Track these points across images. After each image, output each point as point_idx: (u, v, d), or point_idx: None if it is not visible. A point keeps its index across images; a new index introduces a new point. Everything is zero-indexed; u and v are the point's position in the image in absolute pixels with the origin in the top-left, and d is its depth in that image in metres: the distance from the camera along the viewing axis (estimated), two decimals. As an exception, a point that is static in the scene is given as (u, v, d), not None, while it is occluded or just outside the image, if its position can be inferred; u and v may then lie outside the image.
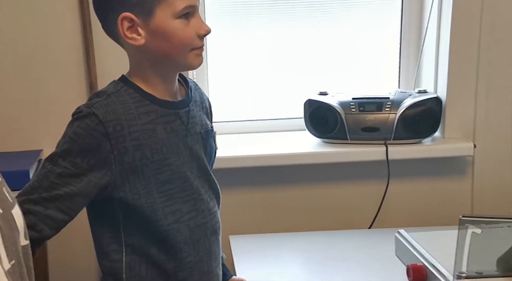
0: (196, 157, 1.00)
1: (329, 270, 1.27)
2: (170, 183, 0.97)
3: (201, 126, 1.02)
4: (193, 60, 0.96)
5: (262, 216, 1.61)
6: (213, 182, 1.05)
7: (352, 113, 1.54)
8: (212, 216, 1.02)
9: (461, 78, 1.57)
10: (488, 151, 1.60)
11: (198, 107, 1.04)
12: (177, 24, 0.93)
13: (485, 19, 1.53)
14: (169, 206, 0.97)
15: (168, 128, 0.97)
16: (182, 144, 0.98)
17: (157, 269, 0.97)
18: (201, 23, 0.95)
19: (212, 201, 1.04)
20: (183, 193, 0.98)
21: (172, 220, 0.97)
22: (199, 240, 1.00)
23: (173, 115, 0.98)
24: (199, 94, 1.06)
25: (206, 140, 1.03)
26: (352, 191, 1.62)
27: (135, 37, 0.93)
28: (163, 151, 0.96)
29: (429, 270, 1.11)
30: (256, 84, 1.69)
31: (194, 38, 0.95)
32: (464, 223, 1.00)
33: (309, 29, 1.66)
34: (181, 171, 0.98)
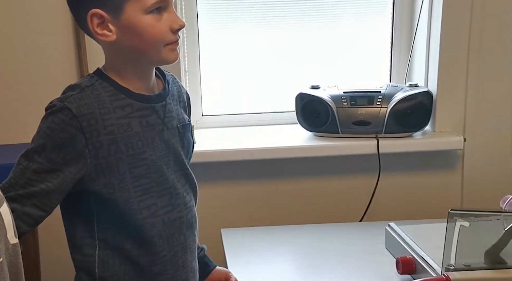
0: (173, 151, 1.00)
1: (320, 263, 1.28)
2: (145, 177, 0.96)
3: (178, 120, 1.01)
4: (168, 55, 0.95)
5: (254, 209, 1.62)
6: (190, 176, 1.04)
7: (343, 107, 1.55)
8: (188, 210, 1.02)
9: (451, 72, 1.57)
10: (478, 144, 1.62)
11: (175, 101, 1.03)
12: (148, 19, 0.92)
13: (475, 14, 1.54)
14: (144, 200, 0.96)
15: (143, 122, 0.96)
16: (158, 138, 0.97)
17: (131, 263, 0.97)
18: (174, 18, 0.94)
19: (189, 195, 1.03)
20: (158, 187, 0.97)
21: (147, 214, 0.96)
22: (174, 234, 0.99)
23: (149, 109, 0.97)
24: (176, 87, 1.05)
25: (183, 134, 1.02)
26: (343, 184, 1.63)
27: (105, 34, 0.92)
28: (138, 145, 0.95)
29: (418, 262, 1.12)
30: (248, 78, 1.69)
31: (167, 33, 0.93)
32: (452, 216, 1.01)
33: (301, 23, 1.66)
34: (157, 165, 0.97)
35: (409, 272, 1.14)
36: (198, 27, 1.62)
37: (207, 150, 1.54)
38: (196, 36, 1.62)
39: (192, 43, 1.62)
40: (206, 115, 1.69)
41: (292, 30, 1.67)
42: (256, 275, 1.23)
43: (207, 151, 1.54)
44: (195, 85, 1.65)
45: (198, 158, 1.52)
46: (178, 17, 0.95)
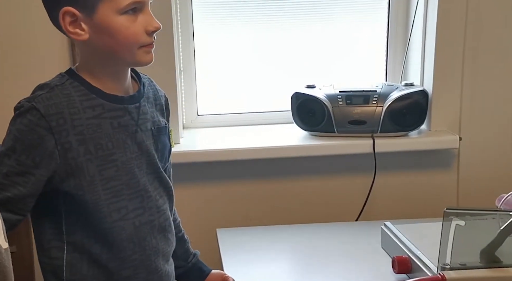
0: (146, 153, 0.98)
1: (316, 263, 1.27)
2: (115, 179, 0.94)
3: (152, 122, 1.00)
4: (142, 57, 0.93)
5: (249, 209, 1.61)
6: (164, 180, 1.02)
7: (339, 106, 1.55)
8: (160, 214, 1.00)
9: (447, 71, 1.57)
10: (473, 143, 1.62)
11: (150, 103, 1.02)
12: (122, 20, 0.90)
13: (470, 13, 1.54)
14: (115, 203, 0.95)
15: (115, 123, 0.94)
16: (130, 139, 0.96)
17: (99, 267, 0.96)
18: (150, 19, 0.92)
19: (162, 198, 1.02)
20: (129, 190, 0.96)
21: (117, 217, 0.95)
22: (145, 238, 0.98)
23: (122, 110, 0.95)
24: (153, 90, 1.04)
25: (158, 137, 1.01)
26: (339, 183, 1.63)
27: (77, 32, 0.91)
28: (108, 146, 0.94)
29: (414, 262, 1.12)
30: (244, 77, 1.69)
31: (142, 35, 0.92)
32: (448, 216, 1.01)
33: (297, 22, 1.66)
34: (127, 167, 0.95)
35: (405, 271, 1.14)
36: (193, 26, 1.62)
37: (203, 149, 1.54)
38: (191, 35, 1.62)
39: (187, 42, 1.61)
40: (201, 115, 1.69)
41: (287, 29, 1.66)
42: (252, 275, 1.22)
43: (202, 150, 1.54)
44: (190, 84, 1.65)
45: (194, 158, 1.53)
46: (153, 19, 0.93)
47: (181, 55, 1.61)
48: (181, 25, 1.59)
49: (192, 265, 1.16)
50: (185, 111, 1.66)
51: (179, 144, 1.54)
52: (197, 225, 1.53)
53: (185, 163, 1.53)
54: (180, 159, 1.51)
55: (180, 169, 1.54)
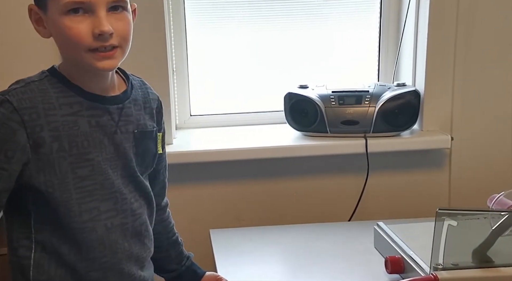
0: (123, 156, 0.96)
1: (309, 263, 1.27)
2: (89, 179, 0.93)
3: (136, 125, 0.98)
4: (92, 62, 0.89)
5: (242, 209, 1.61)
6: (142, 184, 1.00)
7: (332, 106, 1.55)
8: (135, 218, 0.99)
9: (439, 71, 1.58)
10: (465, 143, 1.63)
11: (138, 106, 1.00)
12: (65, 20, 0.87)
13: (461, 14, 1.55)
14: (86, 203, 0.93)
15: (93, 122, 0.93)
16: (107, 140, 0.94)
17: (67, 268, 0.94)
18: (98, 22, 0.87)
19: (138, 202, 1.00)
20: (103, 190, 0.94)
21: (88, 218, 0.93)
22: (117, 240, 0.96)
23: (101, 110, 0.94)
24: (143, 93, 1.02)
25: (140, 140, 0.99)
26: (332, 184, 1.63)
27: (40, 30, 0.91)
28: (83, 145, 0.92)
29: (407, 262, 1.12)
30: (236, 77, 1.68)
31: (86, 37, 0.87)
32: (440, 216, 1.01)
33: (289, 22, 1.66)
34: (102, 167, 0.94)
35: (398, 271, 1.14)
36: (185, 26, 1.61)
37: (195, 150, 1.54)
38: (184, 35, 1.62)
39: (179, 42, 1.61)
40: (194, 115, 1.69)
41: (280, 29, 1.66)
42: (245, 276, 1.22)
43: (195, 151, 1.53)
44: (183, 84, 1.65)
45: (187, 159, 1.53)
46: (103, 22, 0.88)
47: (173, 56, 1.60)
48: (173, 25, 1.59)
49: (186, 268, 1.15)
50: (178, 112, 1.65)
51: (171, 145, 1.54)
52: (190, 226, 1.53)
53: (178, 163, 1.52)
54: (173, 159, 1.50)
55: (173, 169, 1.54)
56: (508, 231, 1.03)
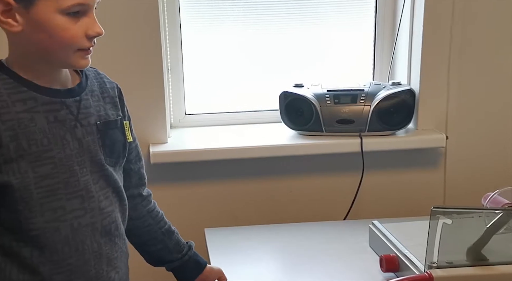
0: (88, 150, 0.93)
1: (304, 262, 1.27)
2: (51, 177, 0.89)
3: (98, 117, 0.95)
4: (77, 61, 0.89)
5: (237, 208, 1.61)
6: (111, 178, 0.96)
7: (327, 105, 1.55)
8: (104, 216, 0.95)
9: (433, 70, 1.58)
10: (460, 142, 1.63)
11: (96, 97, 0.97)
12: (61, 20, 0.86)
13: (456, 12, 1.55)
14: (50, 202, 0.89)
15: (51, 117, 0.89)
16: (70, 135, 0.91)
17: (30, 273, 0.90)
18: (93, 24, 0.88)
19: (108, 200, 0.96)
20: (68, 189, 0.90)
21: (51, 217, 0.89)
22: (84, 241, 0.92)
23: (58, 104, 0.90)
24: (99, 83, 0.99)
25: (105, 132, 0.96)
26: (327, 182, 1.63)
27: (10, 23, 0.86)
28: (43, 142, 0.88)
29: (402, 260, 1.12)
30: (231, 76, 1.68)
31: (81, 38, 0.88)
32: (435, 214, 1.02)
33: (285, 21, 1.66)
34: (66, 164, 0.90)
35: (393, 270, 1.14)
36: (180, 25, 1.61)
37: (190, 149, 1.53)
38: (179, 34, 1.61)
39: (174, 41, 1.61)
40: (189, 114, 1.68)
41: (275, 28, 1.66)
42: (240, 275, 1.22)
43: (190, 150, 1.53)
44: (178, 83, 1.64)
45: (182, 158, 1.52)
46: (97, 24, 0.89)
47: (168, 54, 1.60)
48: (168, 24, 1.58)
49: (188, 257, 1.11)
50: (172, 111, 1.65)
51: (166, 144, 1.53)
52: (184, 225, 1.52)
53: (173, 162, 1.52)
54: (168, 158, 1.51)
55: (167, 168, 1.54)
56: (502, 229, 1.03)
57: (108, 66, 1.45)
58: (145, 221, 1.08)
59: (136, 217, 1.08)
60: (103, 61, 1.47)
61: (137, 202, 1.08)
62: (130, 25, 1.46)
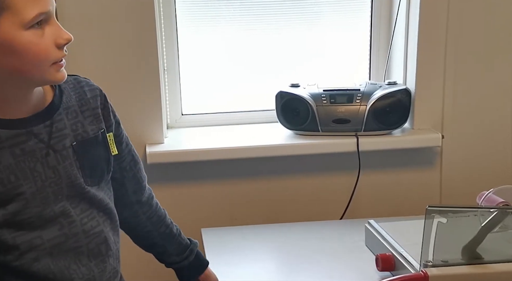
0: (65, 176, 0.88)
1: (301, 261, 1.28)
2: (23, 213, 0.85)
3: (74, 137, 0.89)
4: (54, 75, 0.83)
5: (234, 208, 1.61)
6: (94, 199, 0.91)
7: (323, 105, 1.55)
8: (91, 238, 0.91)
9: (429, 70, 1.59)
10: (455, 142, 1.63)
11: (73, 113, 0.90)
12: (28, 36, 0.78)
13: (452, 12, 1.55)
14: (23, 235, 0.85)
15: (17, 152, 0.83)
16: (40, 166, 0.85)
17: None
18: (58, 31, 0.81)
19: (95, 220, 0.91)
20: (41, 221, 0.86)
21: (26, 248, 0.85)
22: (69, 267, 0.88)
23: (24, 135, 0.84)
24: (78, 94, 0.91)
25: (83, 152, 0.89)
26: (324, 182, 1.63)
27: None
28: (10, 179, 0.83)
29: (397, 259, 1.13)
30: (228, 76, 1.68)
31: (53, 50, 0.81)
32: (430, 213, 1.02)
33: (281, 21, 1.66)
34: (38, 197, 0.85)
35: (389, 269, 1.15)
36: (176, 25, 1.61)
37: (187, 149, 1.53)
38: (175, 34, 1.61)
39: (170, 41, 1.61)
40: (185, 114, 1.68)
41: (271, 28, 1.66)
42: (237, 275, 1.22)
43: (186, 150, 1.53)
44: (175, 84, 1.64)
45: (178, 158, 1.52)
46: (62, 30, 0.82)
47: (164, 55, 1.60)
48: (164, 24, 1.58)
49: (188, 263, 1.09)
50: (169, 111, 1.65)
51: (163, 144, 1.54)
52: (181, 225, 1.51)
53: (169, 163, 1.52)
54: (164, 159, 1.51)
55: (164, 169, 1.55)
56: (497, 227, 1.04)
57: (105, 67, 1.46)
58: (144, 227, 1.07)
59: (135, 224, 1.07)
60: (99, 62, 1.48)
61: (136, 210, 1.06)
62: (126, 26, 1.46)
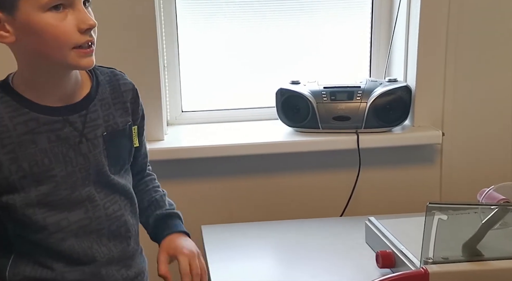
0: (94, 163, 0.94)
1: (301, 258, 1.28)
2: (53, 195, 0.91)
3: (105, 127, 0.95)
4: (77, 61, 0.86)
5: (234, 205, 1.61)
6: (118, 185, 0.98)
7: (323, 102, 1.55)
8: (112, 221, 0.97)
9: (430, 67, 1.59)
10: (456, 139, 1.63)
11: (106, 105, 0.96)
12: (47, 18, 0.83)
13: (453, 9, 1.55)
14: (52, 216, 0.92)
15: (53, 137, 0.90)
16: (73, 152, 0.92)
17: (42, 270, 0.94)
18: (83, 16, 0.84)
19: (117, 204, 0.98)
20: (70, 203, 0.93)
21: (55, 229, 0.92)
22: (91, 246, 0.95)
23: (60, 122, 0.90)
24: (113, 87, 0.98)
25: (111, 142, 0.96)
26: (324, 179, 1.63)
27: (2, 35, 0.84)
28: (44, 162, 0.90)
29: (397, 256, 1.13)
30: (228, 73, 1.68)
31: (74, 34, 0.84)
32: (431, 210, 1.02)
33: (281, 18, 1.66)
34: (68, 181, 0.92)
35: (389, 265, 1.15)
36: (176, 21, 1.61)
37: (187, 146, 1.53)
38: (175, 31, 1.61)
39: (170, 38, 1.60)
40: (185, 111, 1.68)
41: (272, 25, 1.66)
42: (237, 271, 1.22)
43: (186, 147, 1.53)
44: (175, 80, 1.64)
45: (178, 155, 1.52)
46: (87, 16, 0.85)
47: (165, 51, 1.60)
48: (164, 21, 1.58)
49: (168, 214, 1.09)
50: (169, 108, 1.65)
51: (163, 141, 1.53)
52: (181, 222, 1.53)
53: (169, 159, 1.52)
54: (164, 155, 1.51)
55: (164, 165, 1.54)
56: (497, 224, 1.04)
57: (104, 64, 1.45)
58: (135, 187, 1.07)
59: None
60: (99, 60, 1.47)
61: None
62: (126, 23, 1.45)
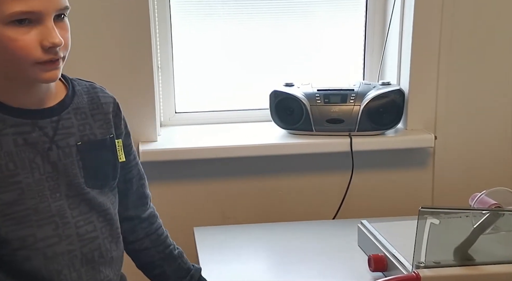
0: (64, 173, 0.88)
1: (293, 261, 1.28)
2: (18, 204, 0.85)
3: (80, 137, 0.90)
4: (38, 75, 0.82)
5: (227, 207, 1.61)
6: (94, 202, 0.91)
7: (317, 105, 1.55)
8: (85, 243, 0.90)
9: (423, 70, 1.59)
10: (448, 142, 1.64)
11: (82, 114, 0.91)
12: (7, 31, 0.79)
13: (446, 13, 1.56)
14: (17, 230, 0.85)
15: (19, 140, 0.85)
16: (40, 158, 0.86)
17: None
18: (48, 33, 0.80)
19: (92, 224, 0.91)
20: (37, 216, 0.86)
21: (19, 245, 0.85)
22: (61, 270, 0.87)
23: (29, 126, 0.86)
24: (91, 99, 0.93)
25: (87, 152, 0.90)
26: (317, 182, 1.63)
27: None
28: (8, 167, 0.84)
29: (390, 260, 1.13)
30: (222, 75, 1.68)
31: (35, 50, 0.80)
32: (423, 214, 1.02)
33: (275, 20, 1.66)
34: (35, 189, 0.85)
35: (381, 269, 1.15)
36: (171, 23, 1.60)
37: (180, 147, 1.53)
38: (169, 32, 1.61)
39: (164, 39, 1.60)
40: (179, 112, 1.68)
41: (266, 27, 1.66)
42: (229, 274, 1.22)
43: (180, 148, 1.53)
44: (168, 82, 1.64)
45: (171, 156, 1.52)
46: (54, 34, 0.81)
47: (158, 52, 1.59)
48: (158, 22, 1.57)
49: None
50: (162, 109, 1.64)
51: (156, 142, 1.53)
52: (174, 224, 1.52)
53: (162, 161, 1.52)
54: (157, 157, 1.50)
55: (157, 167, 1.54)
56: (489, 229, 1.04)
57: (98, 65, 1.45)
58: (141, 244, 1.04)
59: (134, 239, 1.04)
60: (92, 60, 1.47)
61: (135, 224, 1.04)
62: (120, 23, 1.45)
